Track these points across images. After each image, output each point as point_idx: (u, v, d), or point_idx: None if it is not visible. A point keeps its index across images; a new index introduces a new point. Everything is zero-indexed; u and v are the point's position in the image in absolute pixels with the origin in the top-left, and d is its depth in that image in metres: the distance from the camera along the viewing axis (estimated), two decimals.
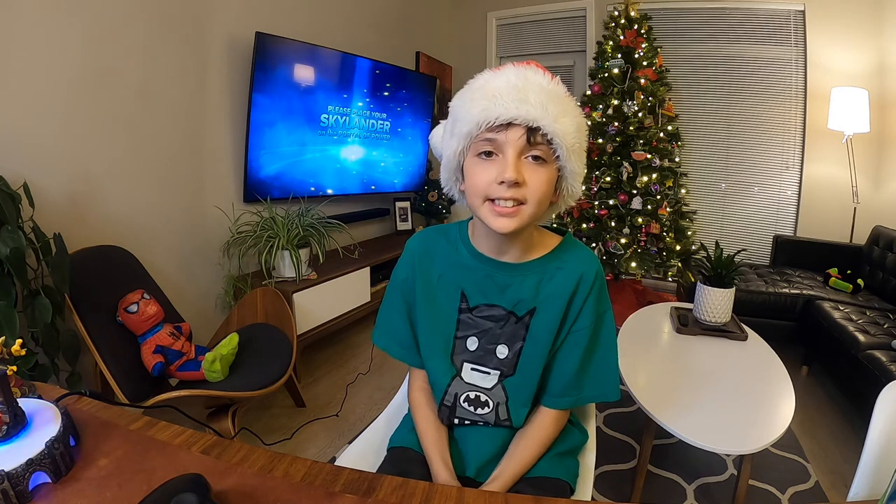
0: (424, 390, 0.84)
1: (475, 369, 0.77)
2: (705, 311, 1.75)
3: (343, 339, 2.64)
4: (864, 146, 2.92)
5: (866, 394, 1.71)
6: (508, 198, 0.63)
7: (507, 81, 0.63)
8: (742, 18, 3.22)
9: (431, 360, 0.78)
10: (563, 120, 0.62)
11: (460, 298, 0.77)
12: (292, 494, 0.52)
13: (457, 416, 0.79)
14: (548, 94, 0.62)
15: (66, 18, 1.53)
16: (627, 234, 2.88)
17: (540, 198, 0.64)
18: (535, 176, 0.63)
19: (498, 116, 0.61)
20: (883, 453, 0.70)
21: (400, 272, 0.83)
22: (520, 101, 0.61)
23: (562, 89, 0.65)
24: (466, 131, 0.64)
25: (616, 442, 1.76)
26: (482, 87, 0.64)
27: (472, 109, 0.63)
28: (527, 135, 0.62)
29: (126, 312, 1.45)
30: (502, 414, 0.77)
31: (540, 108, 0.61)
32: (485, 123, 0.62)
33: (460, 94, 0.68)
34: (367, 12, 3.02)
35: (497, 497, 0.54)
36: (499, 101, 0.61)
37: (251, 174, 2.22)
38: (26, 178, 1.35)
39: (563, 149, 0.63)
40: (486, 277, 0.75)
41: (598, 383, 0.76)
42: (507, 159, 0.62)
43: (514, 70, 0.65)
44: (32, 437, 0.52)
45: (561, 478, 0.77)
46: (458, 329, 0.77)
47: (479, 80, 0.66)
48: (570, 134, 0.63)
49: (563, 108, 0.63)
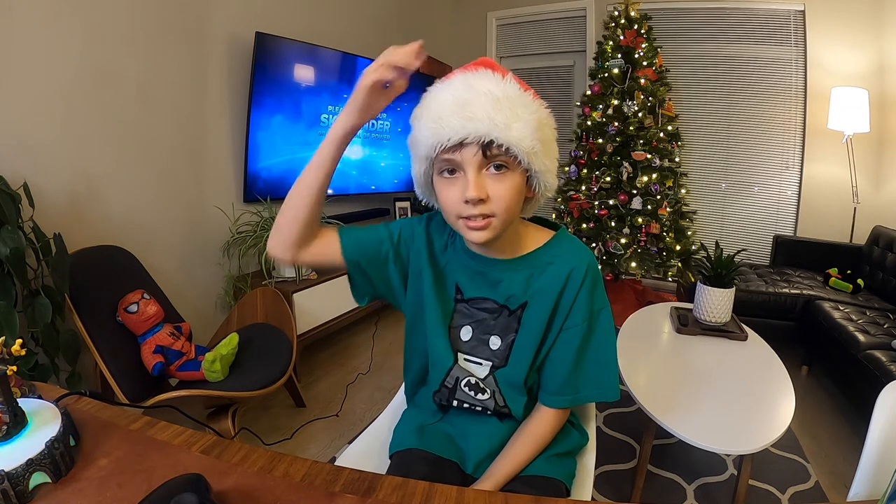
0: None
1: (468, 359, 0.78)
2: (705, 311, 1.75)
3: (343, 339, 2.64)
4: (864, 146, 2.91)
5: (866, 394, 1.71)
6: (476, 214, 0.63)
7: (453, 95, 0.61)
8: (742, 18, 3.22)
9: (435, 339, 0.78)
10: (515, 126, 0.60)
11: (455, 290, 0.78)
12: (292, 494, 0.52)
13: (456, 399, 0.80)
14: (495, 101, 0.59)
15: (67, 19, 1.53)
16: (627, 234, 2.88)
17: (508, 206, 0.64)
18: (498, 187, 0.62)
19: (448, 139, 0.60)
20: (883, 453, 0.70)
21: (406, 228, 0.79)
22: (466, 119, 0.59)
23: (513, 89, 0.62)
24: (424, 155, 0.64)
25: (616, 442, 1.76)
26: (429, 107, 0.62)
27: (423, 133, 0.62)
28: (482, 150, 0.60)
29: (126, 312, 1.45)
30: (500, 401, 0.78)
31: (488, 121, 0.59)
32: (437, 146, 0.61)
33: (414, 112, 0.66)
34: (367, 12, 3.02)
35: (497, 497, 0.54)
36: (445, 123, 0.60)
37: (251, 174, 2.22)
38: (26, 178, 1.35)
39: (521, 153, 0.61)
40: (478, 273, 0.76)
41: (596, 382, 0.76)
42: (468, 178, 0.62)
43: (462, 79, 0.62)
44: (32, 437, 0.52)
45: (556, 477, 0.77)
46: (454, 319, 0.78)
47: (428, 96, 0.64)
48: (527, 138, 0.61)
49: (514, 112, 0.60)
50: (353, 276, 0.78)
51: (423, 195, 0.74)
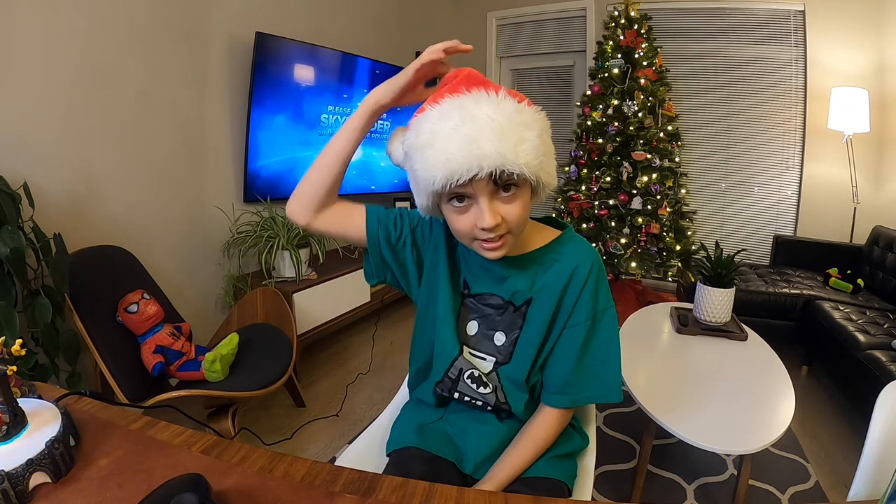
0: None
1: (473, 353, 0.78)
2: (705, 311, 1.75)
3: (343, 339, 2.64)
4: (864, 146, 2.91)
5: (866, 394, 1.71)
6: (492, 237, 0.64)
7: (455, 129, 0.59)
8: (742, 18, 3.22)
9: (442, 330, 0.78)
10: (522, 147, 0.59)
11: (463, 285, 0.79)
12: (292, 494, 0.52)
13: (458, 391, 0.80)
14: (499, 129, 0.58)
15: (67, 18, 1.53)
16: (627, 234, 2.88)
17: (520, 222, 0.66)
18: (511, 209, 0.64)
19: (459, 178, 0.59)
20: (883, 453, 0.70)
21: (425, 218, 0.79)
22: (476, 157, 0.58)
23: (510, 106, 0.61)
24: (431, 191, 0.63)
25: (616, 442, 1.76)
26: (432, 143, 0.60)
27: (431, 171, 0.61)
28: (493, 180, 0.61)
29: (126, 312, 1.45)
30: (501, 397, 0.78)
31: (497, 155, 0.58)
32: (448, 185, 0.60)
33: (413, 145, 0.64)
34: (366, 12, 3.02)
35: (497, 497, 0.54)
36: (454, 162, 0.58)
37: (251, 174, 2.22)
38: (26, 178, 1.35)
39: (531, 173, 0.61)
40: (485, 269, 0.77)
41: (598, 383, 0.76)
42: (482, 208, 0.62)
43: (457, 107, 0.60)
44: (32, 437, 0.52)
45: (558, 478, 0.77)
46: (462, 313, 0.79)
47: (424, 128, 0.62)
48: (534, 158, 0.61)
49: (518, 133, 0.59)
50: (370, 254, 0.79)
51: (427, 215, 0.75)
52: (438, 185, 0.61)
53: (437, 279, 0.79)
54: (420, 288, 0.81)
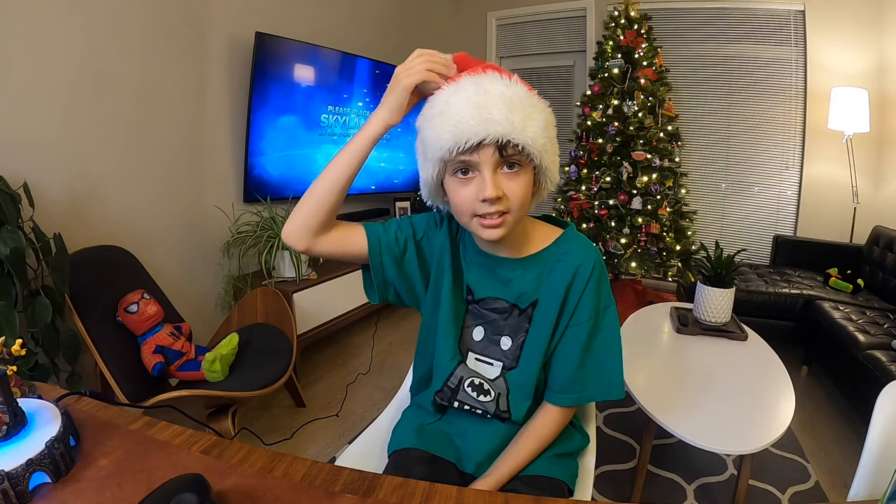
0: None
1: (479, 359, 0.78)
2: (705, 311, 1.75)
3: (343, 339, 2.64)
4: (864, 146, 2.91)
5: (866, 394, 1.71)
6: (493, 212, 0.65)
7: (468, 99, 0.62)
8: (742, 18, 3.22)
9: (442, 339, 0.78)
10: (530, 125, 0.62)
11: (466, 291, 0.79)
12: (292, 494, 0.52)
13: (457, 399, 0.80)
14: (510, 102, 0.61)
15: (67, 18, 1.53)
16: (627, 234, 2.88)
17: (522, 202, 0.66)
18: (513, 185, 0.65)
19: (467, 141, 0.61)
20: (883, 453, 0.70)
21: (430, 227, 0.80)
22: (485, 121, 0.60)
23: (521, 90, 0.64)
24: (439, 157, 0.65)
25: (616, 442, 1.76)
26: (444, 111, 0.63)
27: (440, 135, 0.63)
28: (498, 150, 0.62)
29: (126, 312, 1.45)
30: (502, 405, 0.78)
31: (506, 123, 0.60)
32: (455, 149, 0.62)
33: (425, 116, 0.67)
34: (366, 12, 3.02)
35: (496, 497, 0.54)
36: (464, 125, 0.61)
37: (251, 174, 2.22)
38: (26, 178, 1.35)
39: (535, 152, 0.64)
40: (489, 273, 0.77)
41: (601, 381, 0.76)
42: (485, 178, 0.63)
43: (472, 82, 0.63)
44: (32, 437, 0.52)
45: (559, 477, 0.77)
46: (466, 319, 0.79)
47: (439, 100, 0.65)
48: (540, 136, 0.63)
49: (527, 113, 0.63)
50: (372, 274, 0.78)
51: (430, 198, 0.75)
52: (446, 147, 0.62)
53: (441, 288, 0.79)
54: (426, 297, 0.81)
